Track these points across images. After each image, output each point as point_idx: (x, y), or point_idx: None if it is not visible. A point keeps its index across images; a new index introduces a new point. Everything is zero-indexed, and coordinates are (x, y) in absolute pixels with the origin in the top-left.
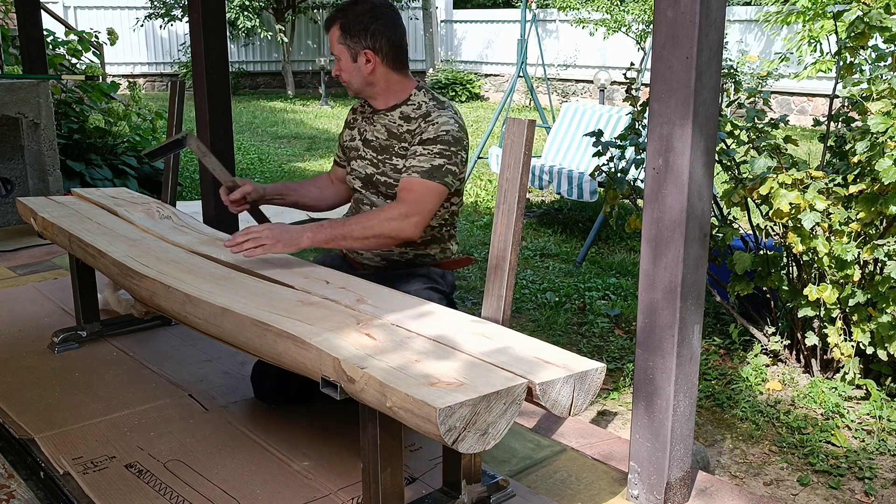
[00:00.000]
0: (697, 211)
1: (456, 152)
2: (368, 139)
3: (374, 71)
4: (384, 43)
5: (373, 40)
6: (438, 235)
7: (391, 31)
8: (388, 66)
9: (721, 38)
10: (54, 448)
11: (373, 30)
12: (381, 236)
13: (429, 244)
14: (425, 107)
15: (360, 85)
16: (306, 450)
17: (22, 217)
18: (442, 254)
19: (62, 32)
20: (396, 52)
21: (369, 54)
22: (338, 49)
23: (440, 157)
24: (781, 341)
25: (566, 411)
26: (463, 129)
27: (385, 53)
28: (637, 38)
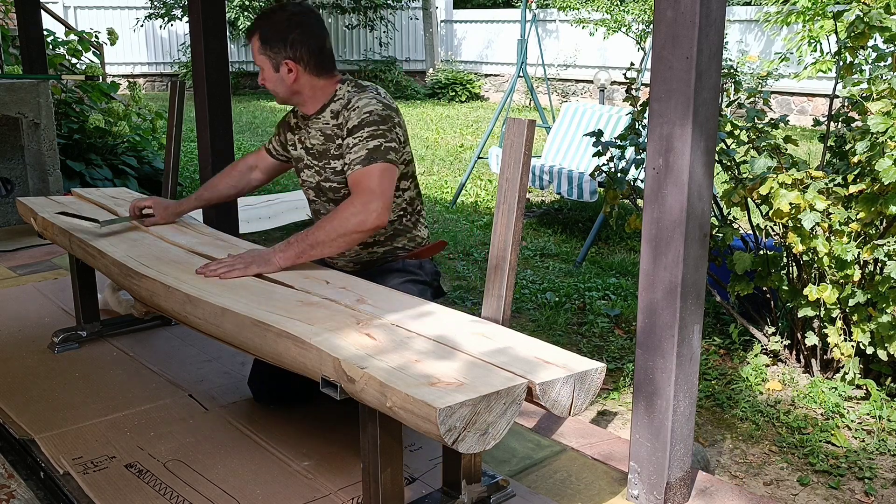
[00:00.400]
0: (697, 211)
1: (387, 130)
2: (308, 147)
3: (298, 80)
4: (304, 52)
5: (292, 50)
6: (401, 226)
7: (310, 39)
8: (311, 73)
9: (721, 38)
10: (54, 448)
11: (292, 39)
12: (348, 233)
13: (394, 238)
14: (347, 96)
15: (286, 94)
16: (306, 450)
17: (22, 217)
18: (411, 243)
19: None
20: (318, 58)
21: (290, 64)
22: (260, 60)
23: (372, 138)
24: (781, 341)
25: (566, 411)
26: (388, 106)
27: (306, 62)
28: (637, 38)
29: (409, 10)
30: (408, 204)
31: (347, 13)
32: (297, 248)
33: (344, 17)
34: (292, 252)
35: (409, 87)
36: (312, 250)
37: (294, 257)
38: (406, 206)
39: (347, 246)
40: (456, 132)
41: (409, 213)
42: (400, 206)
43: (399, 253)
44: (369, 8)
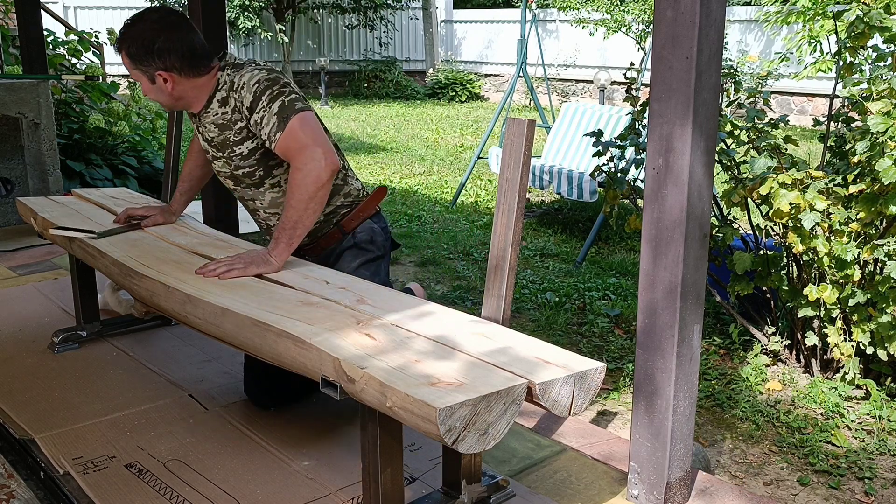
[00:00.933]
0: (697, 211)
1: (281, 86)
2: (209, 139)
3: (175, 86)
4: (174, 58)
5: (161, 60)
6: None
7: (177, 44)
8: (188, 76)
9: (721, 38)
10: (54, 448)
11: (157, 49)
12: (314, 194)
13: (331, 198)
14: (228, 80)
15: (170, 102)
16: (306, 450)
17: (22, 217)
18: (348, 199)
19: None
20: (190, 60)
21: (163, 74)
22: (134, 75)
23: (273, 101)
24: (781, 341)
25: (566, 411)
26: (272, 70)
27: (179, 67)
28: (637, 38)
29: (409, 10)
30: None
31: (347, 13)
32: (284, 238)
33: (344, 17)
34: (282, 244)
35: (409, 87)
36: (297, 230)
37: (286, 248)
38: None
39: (320, 206)
40: (456, 132)
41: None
42: None
43: (342, 212)
44: (369, 8)
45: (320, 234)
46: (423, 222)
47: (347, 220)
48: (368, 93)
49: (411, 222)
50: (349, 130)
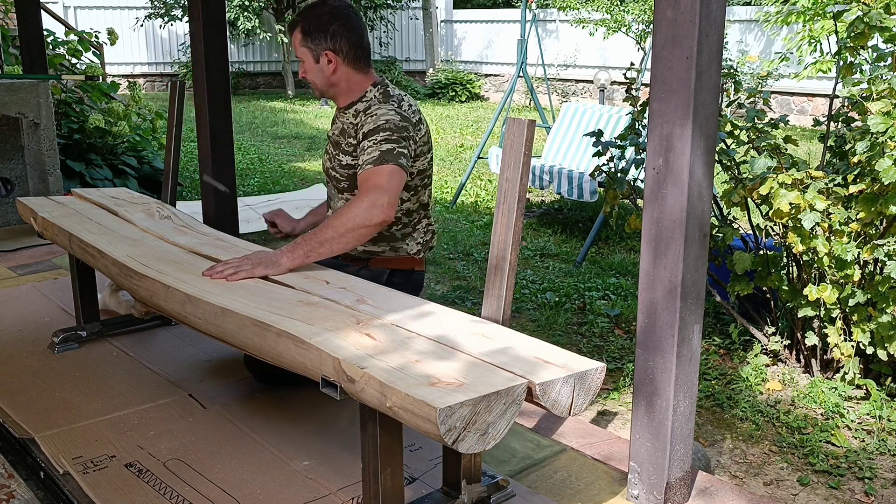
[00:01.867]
0: (697, 211)
1: (402, 138)
2: (330, 134)
3: (336, 71)
4: (344, 43)
5: (333, 41)
6: (387, 234)
7: (350, 32)
8: (350, 66)
9: (721, 38)
10: (54, 448)
11: (332, 31)
12: (356, 228)
13: (377, 242)
14: (372, 100)
15: (324, 85)
16: (306, 450)
17: (22, 217)
18: (393, 252)
19: (62, 32)
20: (357, 51)
21: (330, 55)
22: (301, 52)
23: (386, 142)
24: (781, 341)
25: (566, 411)
26: (407, 119)
27: (346, 54)
28: (637, 38)
29: (409, 10)
30: (404, 215)
31: None
32: (305, 247)
33: None
34: (300, 252)
35: (409, 87)
36: (321, 248)
37: (303, 257)
38: (401, 217)
39: (356, 241)
40: (456, 132)
41: (403, 225)
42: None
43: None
44: (369, 8)
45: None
46: None
47: (376, 260)
48: None
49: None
50: None
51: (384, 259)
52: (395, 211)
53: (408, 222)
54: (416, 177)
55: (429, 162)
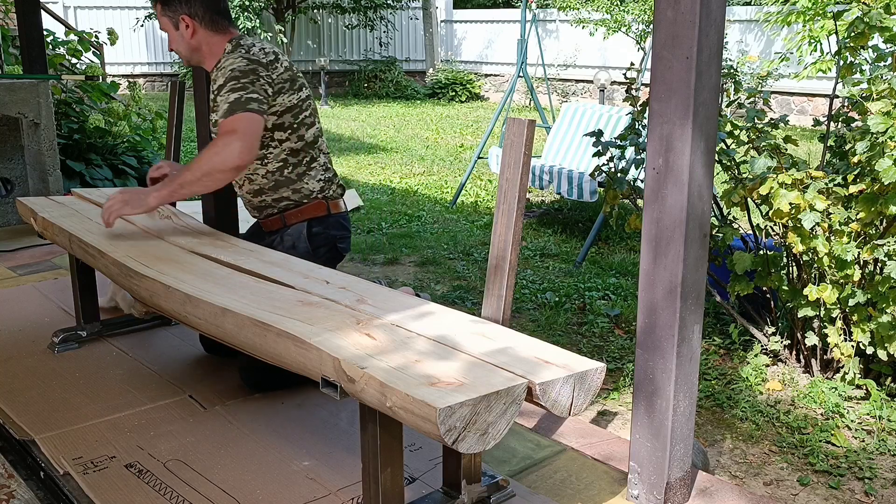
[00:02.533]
0: (697, 211)
1: (249, 82)
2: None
3: (195, 34)
4: (198, 7)
5: (188, 6)
6: (282, 178)
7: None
8: (207, 29)
9: (721, 38)
10: (54, 448)
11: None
12: (212, 173)
13: (276, 188)
14: (223, 56)
15: (187, 52)
16: (306, 450)
17: (22, 217)
18: (296, 195)
19: (62, 32)
20: (212, 13)
21: (187, 19)
22: (163, 22)
23: (233, 92)
24: (781, 341)
25: (566, 411)
26: (255, 61)
27: (202, 17)
28: (637, 38)
29: (409, 10)
30: (289, 155)
31: (347, 13)
32: (169, 187)
33: (344, 17)
34: (165, 192)
35: (409, 87)
36: (182, 189)
37: (168, 196)
38: (287, 158)
39: (214, 184)
40: (456, 132)
41: (293, 166)
42: (279, 157)
43: (285, 203)
44: (369, 8)
45: (266, 214)
46: (423, 222)
47: (290, 213)
48: (368, 93)
49: (411, 222)
50: (349, 130)
51: (296, 211)
52: (251, 156)
53: (297, 162)
54: (287, 114)
55: (300, 99)
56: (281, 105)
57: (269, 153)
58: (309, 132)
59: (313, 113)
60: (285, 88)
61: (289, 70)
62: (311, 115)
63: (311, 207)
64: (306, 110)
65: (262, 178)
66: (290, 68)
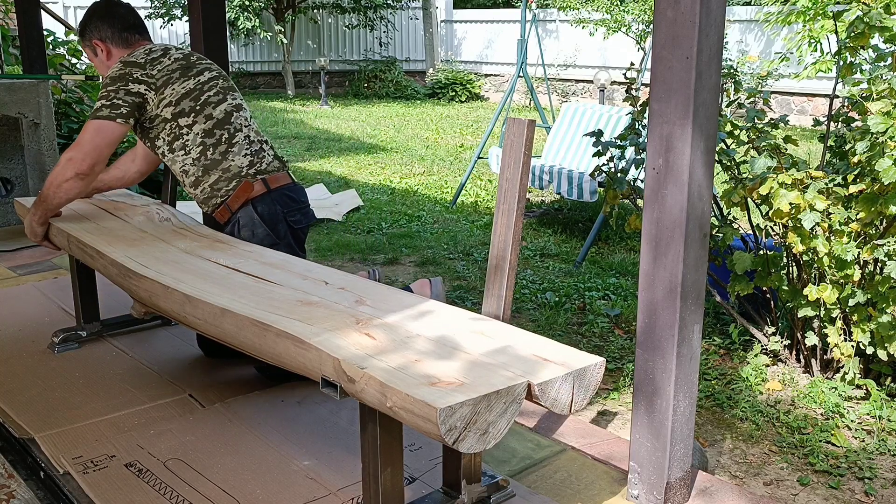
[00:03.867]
0: (697, 211)
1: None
2: None
3: (110, 55)
4: (106, 29)
5: (96, 31)
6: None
7: (108, 18)
8: (120, 47)
9: (721, 38)
10: (54, 448)
11: (93, 23)
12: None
13: (208, 171)
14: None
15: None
16: (306, 450)
17: (20, 217)
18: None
19: (62, 32)
20: (122, 32)
21: (99, 43)
22: (87, 53)
23: (99, 100)
24: (781, 341)
25: (566, 408)
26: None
27: (111, 37)
28: (637, 38)
29: (409, 10)
30: (205, 136)
31: (347, 13)
32: (38, 207)
33: (344, 17)
34: (39, 211)
35: (409, 87)
36: (45, 203)
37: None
38: (204, 140)
39: (66, 194)
40: (456, 132)
41: (213, 146)
42: (195, 142)
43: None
44: (369, 8)
45: (212, 204)
46: (423, 222)
47: (232, 199)
48: (368, 93)
49: (411, 222)
50: (349, 130)
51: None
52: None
53: (217, 141)
54: (185, 99)
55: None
56: (173, 94)
57: (187, 141)
58: (217, 109)
59: (222, 91)
60: (174, 78)
61: (180, 60)
62: (218, 94)
63: (248, 187)
64: (210, 90)
65: (191, 166)
66: (182, 59)
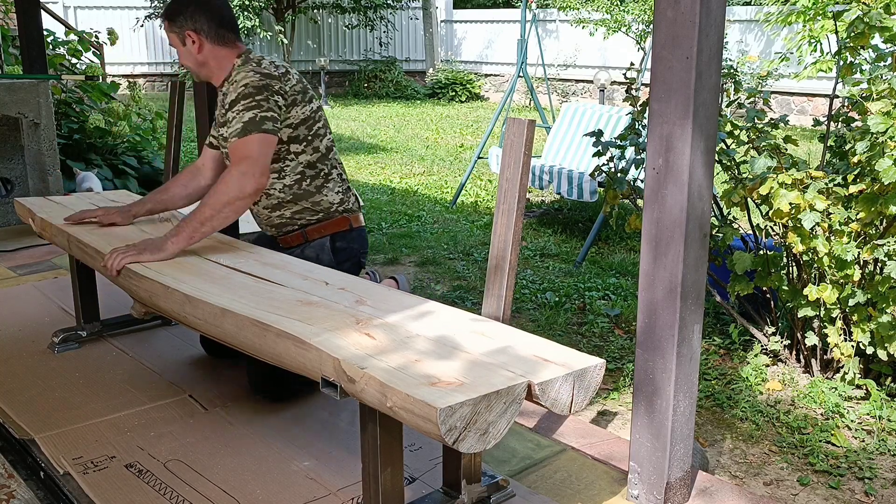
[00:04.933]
0: (697, 211)
1: (263, 99)
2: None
3: (202, 49)
4: (203, 21)
5: (192, 21)
6: (301, 191)
7: (208, 9)
8: (214, 43)
9: (721, 38)
10: (54, 448)
11: (190, 12)
12: (231, 202)
13: (295, 201)
14: (233, 70)
15: (195, 67)
16: (306, 450)
17: (20, 217)
18: (316, 207)
19: (62, 32)
20: (218, 27)
21: (193, 35)
22: (171, 39)
23: (248, 110)
24: (781, 341)
25: (566, 409)
26: (268, 75)
27: (207, 31)
28: (637, 38)
29: (409, 10)
30: (306, 167)
31: (347, 13)
32: (187, 230)
33: (344, 17)
34: (184, 235)
35: (409, 87)
36: (203, 227)
37: (187, 239)
38: (304, 170)
39: (235, 214)
40: (456, 132)
41: (311, 178)
42: (295, 170)
43: (307, 217)
44: (369, 8)
45: (285, 230)
46: (423, 222)
47: (312, 229)
48: (368, 93)
49: (411, 222)
50: (349, 130)
51: (318, 227)
52: (267, 178)
53: (315, 174)
54: (301, 126)
55: (312, 111)
56: (295, 117)
57: (286, 166)
58: (322, 143)
59: (325, 124)
60: (298, 100)
61: (300, 82)
62: (323, 126)
63: (335, 223)
64: (319, 121)
65: (279, 192)
66: (300, 80)
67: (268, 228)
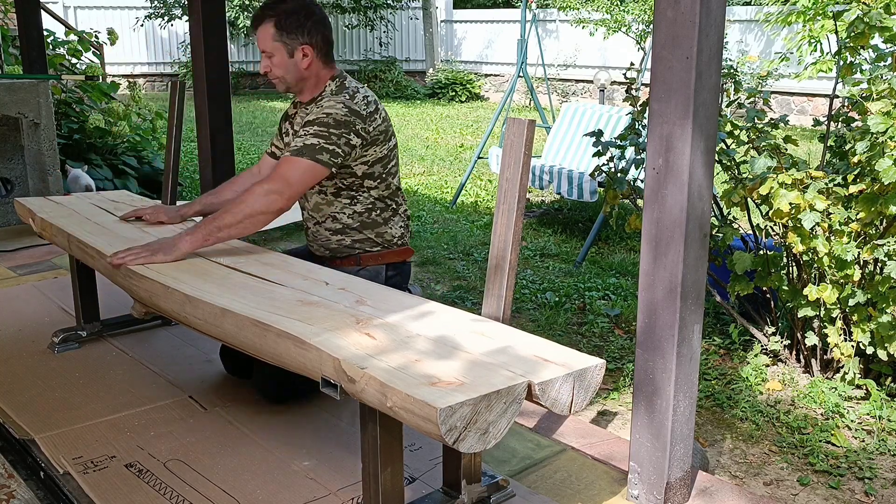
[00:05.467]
0: (697, 211)
1: (338, 134)
2: (296, 130)
3: (311, 65)
4: (319, 39)
5: (310, 36)
6: (370, 220)
7: (324, 28)
8: (321, 61)
9: (721, 38)
10: (54, 448)
11: (309, 27)
12: (254, 215)
13: (361, 229)
14: (325, 93)
15: (294, 80)
16: (306, 449)
17: (20, 217)
18: (379, 238)
19: (62, 32)
20: (328, 47)
21: (307, 49)
22: (273, 46)
23: (315, 136)
24: (781, 341)
25: (566, 409)
26: (355, 112)
27: (320, 48)
28: (637, 38)
29: (409, 10)
30: (377, 200)
31: (347, 13)
32: (203, 231)
33: (344, 17)
34: (199, 235)
35: (409, 87)
36: (220, 232)
37: (201, 240)
38: (375, 202)
39: (254, 227)
40: (456, 132)
41: (380, 210)
42: (367, 201)
43: (366, 246)
44: (369, 8)
45: (339, 254)
46: (423, 222)
47: (367, 256)
48: None
49: (411, 222)
50: None
51: (375, 255)
52: (293, 203)
53: (384, 207)
54: (377, 164)
55: (389, 150)
56: (373, 156)
57: (358, 196)
58: (395, 180)
59: (398, 161)
60: (379, 140)
61: (385, 121)
62: (396, 164)
63: (393, 254)
64: (393, 160)
65: (348, 217)
66: (386, 119)
67: (320, 249)
